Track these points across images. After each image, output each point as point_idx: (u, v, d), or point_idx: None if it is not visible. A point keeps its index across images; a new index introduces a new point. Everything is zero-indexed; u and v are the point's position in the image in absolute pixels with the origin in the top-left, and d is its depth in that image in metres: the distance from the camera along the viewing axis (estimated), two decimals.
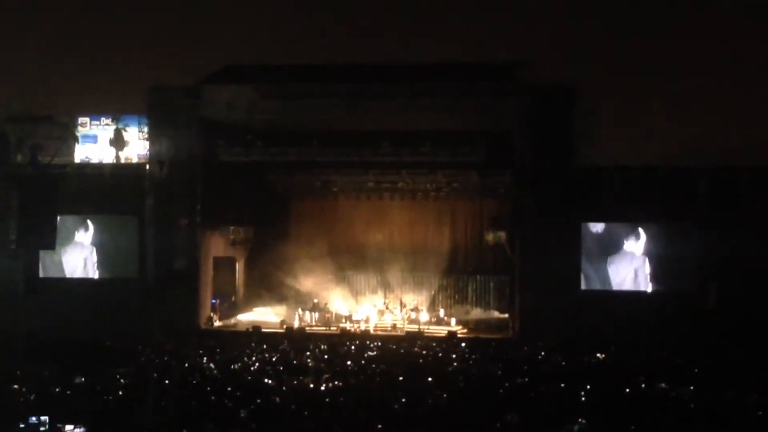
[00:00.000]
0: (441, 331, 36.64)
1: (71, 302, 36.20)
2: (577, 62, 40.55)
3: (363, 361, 27.17)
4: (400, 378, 24.06)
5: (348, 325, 37.59)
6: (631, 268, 35.81)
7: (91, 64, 44.34)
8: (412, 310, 39.34)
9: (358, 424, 17.98)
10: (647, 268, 35.66)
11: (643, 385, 23.16)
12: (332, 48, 43.13)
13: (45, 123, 36.31)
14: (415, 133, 36.50)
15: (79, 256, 38.37)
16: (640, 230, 35.72)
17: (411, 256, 41.32)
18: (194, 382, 23.29)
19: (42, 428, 16.74)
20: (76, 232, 38.11)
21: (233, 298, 41.20)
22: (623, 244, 35.90)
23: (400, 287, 41.10)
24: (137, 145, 39.99)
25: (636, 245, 35.78)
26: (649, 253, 35.67)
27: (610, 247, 35.97)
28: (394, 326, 37.64)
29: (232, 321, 39.29)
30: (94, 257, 38.35)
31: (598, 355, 29.38)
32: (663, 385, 22.92)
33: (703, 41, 41.35)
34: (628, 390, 22.54)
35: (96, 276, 38.30)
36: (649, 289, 35.65)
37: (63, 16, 45.20)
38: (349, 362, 27.00)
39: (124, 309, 35.42)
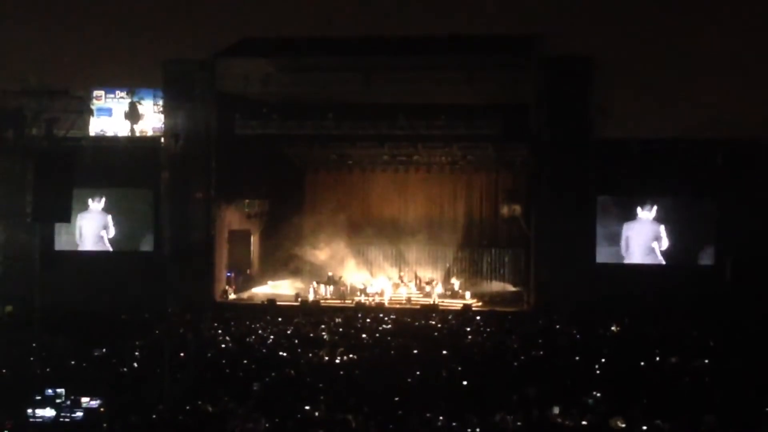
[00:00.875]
0: (456, 304, 36.64)
1: (87, 275, 36.32)
2: (595, 35, 40.25)
3: (378, 335, 27.24)
4: (415, 351, 24.11)
5: (363, 299, 37.61)
6: (646, 235, 35.70)
7: (106, 37, 44.26)
8: (426, 283, 39.35)
9: (373, 397, 18.00)
10: (663, 238, 35.54)
11: (658, 358, 23.13)
12: (348, 20, 42.92)
13: (60, 96, 36.22)
14: (431, 106, 36.43)
15: (94, 230, 38.45)
16: (656, 202, 35.62)
17: (426, 230, 41.28)
18: (209, 354, 23.39)
19: (58, 400, 16.82)
20: (91, 205, 38.18)
21: (248, 271, 41.29)
22: (638, 211, 35.78)
23: (415, 260, 41.12)
24: (152, 119, 40.01)
25: (651, 213, 35.65)
26: (665, 225, 35.51)
27: (626, 213, 35.85)
28: (408, 299, 37.65)
29: (247, 294, 39.38)
30: (110, 230, 38.43)
31: (613, 327, 29.35)
32: (678, 358, 22.88)
33: (722, 12, 40.97)
34: (642, 363, 22.51)
35: (111, 249, 38.39)
36: (665, 261, 35.53)
37: None
38: (363, 335, 27.05)
39: (139, 282, 35.51)
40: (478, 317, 32.73)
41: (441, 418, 16.40)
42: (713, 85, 39.33)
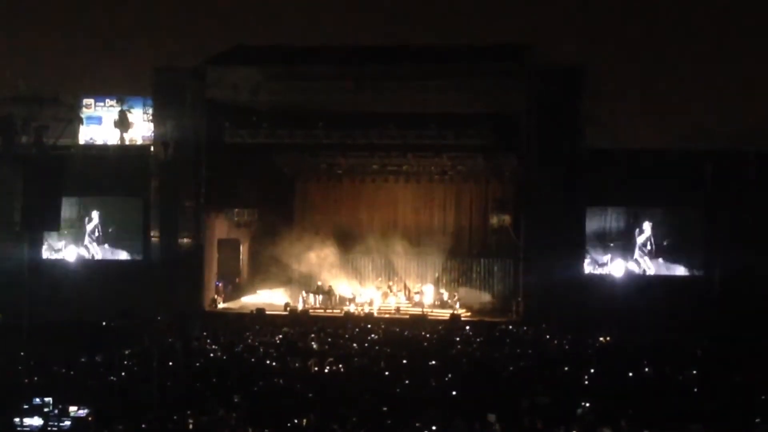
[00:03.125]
0: (445, 314, 36.62)
1: (75, 283, 36.27)
2: (585, 45, 40.47)
3: (367, 344, 27.17)
4: (404, 361, 24.07)
5: (352, 308, 37.59)
6: (635, 245, 35.80)
7: (96, 46, 44.32)
8: (416, 293, 39.33)
9: (362, 407, 17.97)
10: (651, 248, 35.62)
11: (647, 369, 23.15)
12: (339, 29, 43.01)
13: (50, 104, 36.24)
14: (422, 116, 36.45)
15: (83, 238, 38.35)
16: (645, 212, 35.71)
17: (415, 239, 41.22)
18: (198, 363, 23.33)
19: (46, 409, 16.74)
20: (80, 214, 38.08)
21: (237, 280, 41.22)
22: (627, 221, 35.88)
23: (404, 270, 41.04)
24: (142, 127, 40.04)
25: (639, 223, 35.76)
26: (653, 235, 35.60)
27: (615, 224, 35.93)
28: (398, 309, 37.62)
29: (236, 303, 39.29)
30: (99, 238, 38.34)
31: (602, 338, 29.36)
32: (666, 368, 22.91)
33: (711, 25, 41.20)
34: (631, 373, 22.53)
35: (100, 257, 38.29)
36: (653, 271, 35.57)
37: None
38: (353, 345, 27.01)
39: (128, 290, 35.43)
40: (467, 327, 32.71)
41: (430, 428, 16.38)
42: (702, 96, 39.53)
